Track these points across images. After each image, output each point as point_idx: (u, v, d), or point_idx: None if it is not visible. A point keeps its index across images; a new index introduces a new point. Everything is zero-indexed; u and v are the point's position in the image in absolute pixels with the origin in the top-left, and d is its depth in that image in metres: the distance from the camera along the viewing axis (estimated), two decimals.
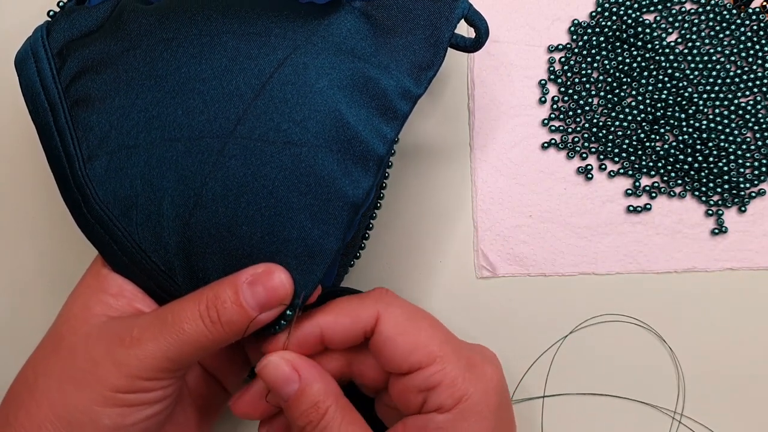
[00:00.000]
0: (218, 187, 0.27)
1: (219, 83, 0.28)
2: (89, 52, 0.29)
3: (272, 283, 0.27)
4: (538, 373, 0.38)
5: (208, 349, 0.27)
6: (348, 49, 0.29)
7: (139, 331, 0.27)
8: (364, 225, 0.38)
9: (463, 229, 0.39)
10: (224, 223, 0.28)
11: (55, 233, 0.39)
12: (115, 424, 0.26)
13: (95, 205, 0.28)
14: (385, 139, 0.29)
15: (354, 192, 0.28)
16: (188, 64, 0.28)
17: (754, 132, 0.38)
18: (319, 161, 0.28)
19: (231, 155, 0.27)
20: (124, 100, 0.28)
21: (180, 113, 0.28)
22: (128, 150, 0.28)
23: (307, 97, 0.28)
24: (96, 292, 0.29)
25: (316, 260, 0.28)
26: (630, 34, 0.38)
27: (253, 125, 0.27)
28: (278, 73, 0.28)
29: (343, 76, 0.29)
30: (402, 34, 0.30)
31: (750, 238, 0.38)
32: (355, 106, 0.29)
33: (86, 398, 0.26)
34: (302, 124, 0.28)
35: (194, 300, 0.27)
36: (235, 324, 0.27)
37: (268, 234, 0.28)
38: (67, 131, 0.28)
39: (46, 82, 0.29)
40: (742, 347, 0.38)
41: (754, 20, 0.38)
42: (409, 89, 0.29)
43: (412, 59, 0.30)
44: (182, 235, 0.28)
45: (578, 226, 0.39)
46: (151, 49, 0.29)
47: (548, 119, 0.39)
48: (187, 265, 0.28)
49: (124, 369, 0.26)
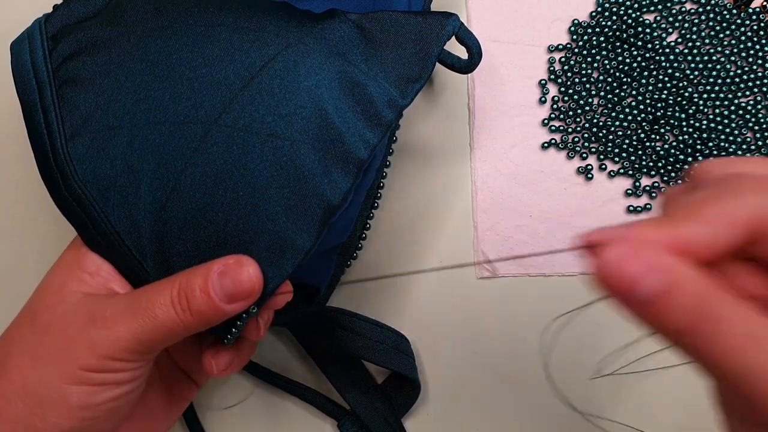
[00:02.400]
0: (197, 172, 0.28)
1: (209, 71, 0.28)
2: (83, 35, 0.30)
3: (240, 276, 0.27)
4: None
5: (179, 335, 0.27)
6: (339, 52, 0.30)
7: (113, 313, 0.27)
8: (360, 224, 0.38)
9: (463, 229, 0.39)
10: (200, 209, 0.28)
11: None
12: (84, 402, 0.27)
13: (74, 183, 0.28)
14: (368, 144, 0.29)
15: (331, 192, 0.28)
16: (180, 51, 0.29)
17: (754, 132, 0.38)
18: (301, 156, 0.28)
19: (213, 142, 0.28)
20: (113, 81, 0.29)
21: (167, 97, 0.28)
22: (112, 131, 0.28)
23: (294, 93, 0.28)
24: (74, 269, 0.29)
25: (287, 255, 0.28)
26: (630, 34, 0.38)
27: (238, 115, 0.28)
28: (268, 67, 0.28)
29: (331, 78, 0.29)
30: (393, 47, 0.30)
31: None
32: (341, 108, 0.29)
33: (57, 375, 0.26)
34: (287, 118, 0.28)
35: (167, 286, 0.27)
36: (203, 313, 0.27)
37: (242, 223, 0.28)
38: (51, 109, 0.29)
39: (37, 61, 0.29)
40: None
41: (754, 20, 0.38)
42: (396, 99, 0.30)
43: (401, 72, 0.30)
44: (157, 219, 0.28)
45: (578, 226, 0.39)
46: (146, 35, 0.29)
47: (548, 119, 0.39)
48: (158, 250, 0.28)
49: (96, 349, 0.26)
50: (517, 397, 0.38)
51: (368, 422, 0.37)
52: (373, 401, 0.38)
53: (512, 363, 0.38)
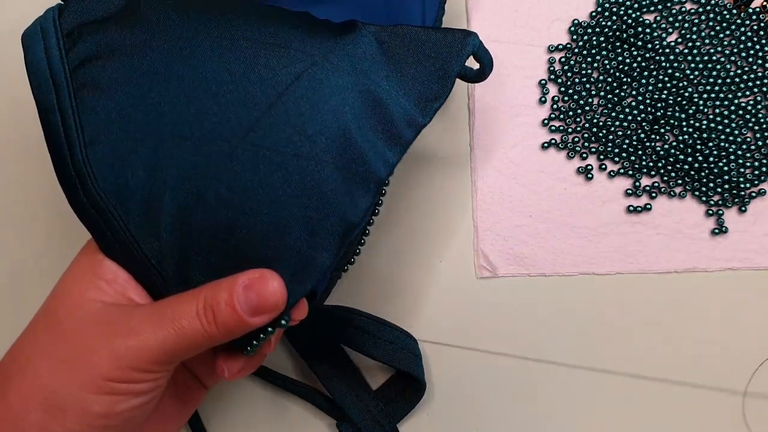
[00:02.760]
0: (223, 189, 0.28)
1: (235, 88, 0.28)
2: (103, 38, 0.29)
3: (266, 290, 0.27)
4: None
5: (203, 346, 0.27)
6: (362, 70, 0.29)
7: (138, 323, 0.27)
8: (361, 231, 0.38)
9: (463, 229, 0.39)
10: (224, 224, 0.28)
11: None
12: (105, 411, 0.26)
13: (92, 189, 0.28)
14: (387, 163, 0.29)
15: (352, 211, 0.29)
16: (205, 65, 0.28)
17: (754, 132, 0.38)
18: (324, 176, 0.28)
19: (240, 160, 0.28)
20: (136, 90, 0.28)
21: (192, 113, 0.28)
22: (134, 141, 0.28)
23: (320, 112, 0.28)
24: (91, 276, 0.29)
25: (307, 272, 0.28)
26: (630, 34, 0.38)
27: (265, 134, 0.28)
28: (295, 86, 0.28)
29: (355, 97, 0.29)
30: (412, 64, 0.30)
31: (750, 238, 0.38)
32: (364, 128, 0.29)
33: (78, 384, 0.26)
34: (312, 138, 0.28)
35: (193, 298, 0.27)
36: (228, 326, 0.27)
37: (264, 240, 0.28)
38: (69, 111, 0.28)
39: (53, 60, 0.29)
40: (743, 347, 0.38)
41: (754, 20, 0.38)
42: (415, 118, 0.30)
43: (420, 90, 0.30)
44: (180, 231, 0.28)
45: (578, 226, 0.39)
46: (170, 45, 0.29)
47: (548, 119, 0.39)
48: (179, 261, 0.28)
49: (121, 359, 0.26)
50: (517, 397, 0.38)
51: (362, 426, 0.38)
52: (368, 406, 0.38)
53: (512, 363, 0.38)
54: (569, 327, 0.39)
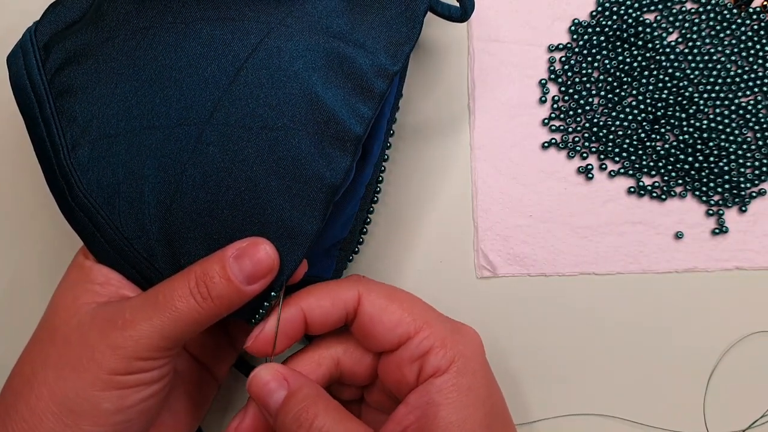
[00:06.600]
0: (197, 173, 0.28)
1: (195, 71, 0.28)
2: (71, 44, 0.30)
3: (258, 254, 0.27)
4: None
5: (202, 324, 0.27)
6: (323, 27, 0.29)
7: (132, 313, 0.27)
8: (361, 219, 0.38)
9: (463, 229, 0.39)
10: (205, 208, 0.28)
11: (50, 229, 0.39)
12: (116, 406, 0.27)
13: (79, 193, 0.28)
14: (362, 118, 0.29)
15: (331, 174, 0.29)
16: (164, 53, 0.29)
17: (754, 132, 0.38)
18: (296, 144, 0.28)
19: (209, 142, 0.28)
20: (105, 89, 0.29)
21: (158, 102, 0.28)
22: (109, 139, 0.28)
23: (281, 81, 0.28)
24: (82, 283, 0.29)
25: (297, 241, 0.28)
26: (630, 34, 0.38)
27: (229, 111, 0.28)
28: (252, 59, 0.28)
29: (318, 57, 0.29)
30: (377, 9, 0.30)
31: (751, 238, 0.38)
32: (332, 87, 0.29)
33: (85, 383, 0.26)
34: (278, 108, 0.28)
35: (183, 278, 0.27)
36: (225, 298, 0.27)
37: (248, 217, 0.28)
38: (52, 121, 0.29)
39: (33, 75, 0.29)
40: (743, 347, 0.38)
41: (755, 20, 0.38)
42: (386, 66, 0.30)
43: (388, 35, 0.30)
44: (164, 221, 0.28)
45: (578, 226, 0.39)
46: (129, 39, 0.29)
47: (548, 119, 0.39)
48: (169, 251, 0.29)
49: (120, 351, 0.26)
50: (517, 397, 0.38)
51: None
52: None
53: (512, 363, 0.38)
54: (569, 327, 0.39)
